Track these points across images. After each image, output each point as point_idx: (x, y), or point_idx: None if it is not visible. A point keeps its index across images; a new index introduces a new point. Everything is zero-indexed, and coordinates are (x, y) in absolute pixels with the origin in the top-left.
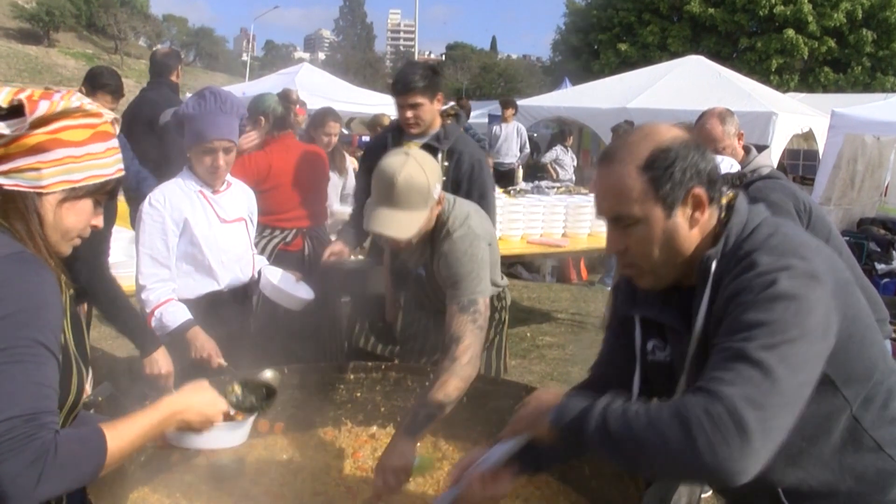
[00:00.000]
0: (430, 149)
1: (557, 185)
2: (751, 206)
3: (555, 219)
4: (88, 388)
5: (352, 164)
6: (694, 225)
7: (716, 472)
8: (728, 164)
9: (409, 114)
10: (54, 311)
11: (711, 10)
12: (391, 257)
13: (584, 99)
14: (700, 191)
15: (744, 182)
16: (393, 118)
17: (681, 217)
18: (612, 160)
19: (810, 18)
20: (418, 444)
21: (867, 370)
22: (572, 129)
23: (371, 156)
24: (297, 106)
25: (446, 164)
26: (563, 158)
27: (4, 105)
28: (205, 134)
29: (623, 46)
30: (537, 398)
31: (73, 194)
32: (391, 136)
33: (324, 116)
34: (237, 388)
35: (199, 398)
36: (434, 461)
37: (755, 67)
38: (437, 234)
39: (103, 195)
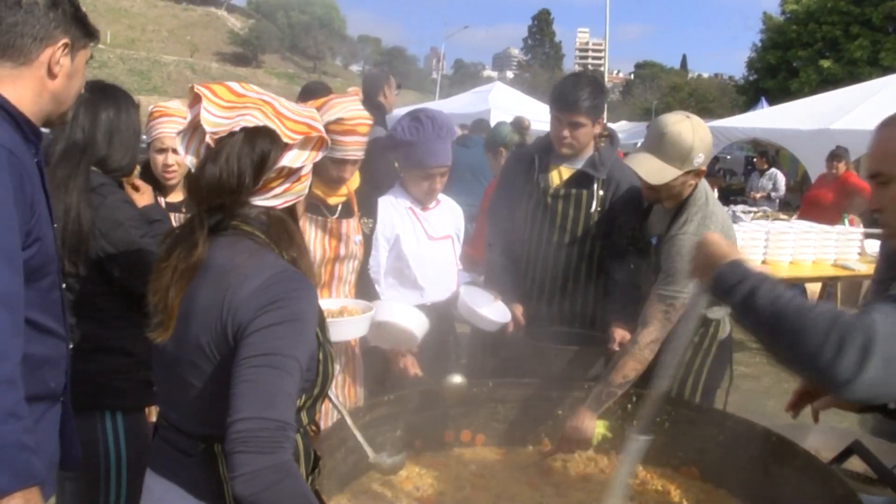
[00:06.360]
0: (586, 177)
1: (754, 210)
2: None
3: (754, 244)
4: None
5: None
6: None
7: (824, 373)
8: None
9: (567, 133)
10: (311, 327)
11: None
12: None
13: (783, 119)
14: None
15: None
16: (540, 133)
17: None
18: (883, 125)
19: None
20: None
21: None
22: (768, 151)
23: (511, 173)
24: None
25: (601, 193)
26: (758, 183)
27: (298, 138)
28: (425, 162)
29: (826, 63)
30: (713, 245)
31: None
32: (538, 156)
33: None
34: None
35: None
36: (607, 435)
37: None
38: (680, 211)
39: None
